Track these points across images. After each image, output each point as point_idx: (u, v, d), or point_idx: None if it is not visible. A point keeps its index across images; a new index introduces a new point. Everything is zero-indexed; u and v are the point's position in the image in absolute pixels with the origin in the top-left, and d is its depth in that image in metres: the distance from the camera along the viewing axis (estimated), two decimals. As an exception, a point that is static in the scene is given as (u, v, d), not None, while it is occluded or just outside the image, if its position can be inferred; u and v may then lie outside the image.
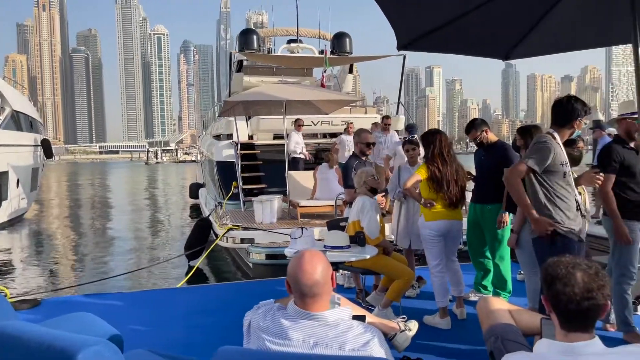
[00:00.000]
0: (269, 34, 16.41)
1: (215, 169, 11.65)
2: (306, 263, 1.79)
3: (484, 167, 4.57)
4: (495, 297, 2.53)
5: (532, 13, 3.31)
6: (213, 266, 9.69)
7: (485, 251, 4.71)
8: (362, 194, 4.32)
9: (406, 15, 3.03)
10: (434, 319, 4.17)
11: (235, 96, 10.36)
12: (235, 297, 5.24)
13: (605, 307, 1.56)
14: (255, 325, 1.81)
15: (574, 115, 3.16)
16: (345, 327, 1.75)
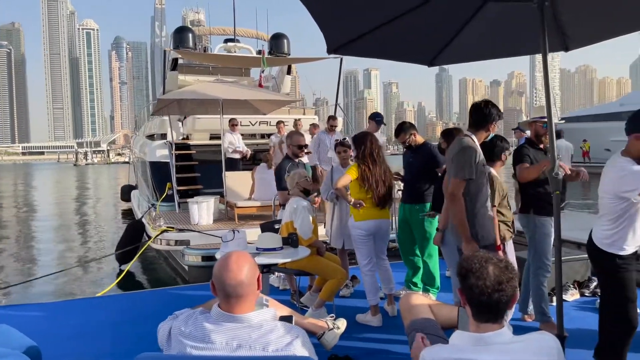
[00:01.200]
0: (205, 32, 16.12)
1: (148, 170, 11.29)
2: (232, 263, 1.80)
3: (412, 168, 4.75)
4: (416, 293, 2.64)
5: (454, 22, 3.47)
6: (147, 270, 9.38)
7: (415, 249, 4.89)
8: (295, 195, 4.36)
9: (335, 20, 3.09)
10: (365, 317, 4.28)
11: (170, 94, 10.08)
12: (168, 304, 5.12)
13: (513, 299, 1.68)
14: (177, 332, 1.78)
15: (489, 119, 3.36)
16: (269, 328, 1.77)
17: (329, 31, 3.20)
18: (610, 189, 2.76)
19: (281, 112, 11.77)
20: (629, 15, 3.39)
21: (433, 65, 4.02)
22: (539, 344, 1.64)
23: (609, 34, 3.60)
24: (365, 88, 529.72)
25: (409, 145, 4.77)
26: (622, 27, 3.50)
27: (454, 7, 3.25)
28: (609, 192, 2.76)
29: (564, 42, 3.69)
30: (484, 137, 3.42)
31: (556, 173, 2.73)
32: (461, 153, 3.20)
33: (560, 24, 3.49)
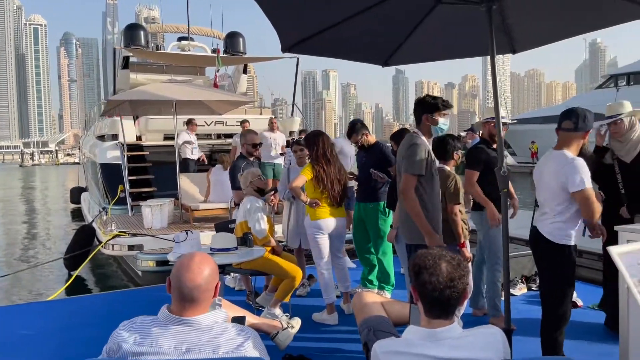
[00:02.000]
0: (158, 30, 15.74)
1: (99, 172, 10.90)
2: (194, 264, 1.75)
3: (365, 168, 4.80)
4: (368, 291, 2.67)
5: (407, 23, 3.53)
6: (98, 277, 9.06)
7: (370, 247, 4.94)
8: (249, 194, 4.31)
9: (289, 19, 3.08)
10: (321, 316, 4.29)
11: (121, 94, 9.78)
12: (120, 306, 4.96)
13: (465, 296, 1.72)
14: (121, 339, 1.71)
15: (423, 112, 3.34)
16: (220, 330, 1.73)
17: (283, 30, 3.18)
18: (554, 182, 2.88)
19: (237, 112, 11.64)
20: (572, 20, 3.55)
21: (387, 65, 4.06)
22: (487, 338, 1.68)
23: (553, 37, 3.75)
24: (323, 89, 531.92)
25: (362, 145, 4.83)
26: (566, 31, 3.66)
27: (406, 9, 3.30)
28: (553, 185, 2.88)
29: (511, 44, 3.81)
30: (430, 129, 3.36)
31: (504, 171, 2.81)
32: (411, 149, 3.22)
33: (508, 27, 3.61)
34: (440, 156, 3.93)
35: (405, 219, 3.36)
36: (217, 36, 15.00)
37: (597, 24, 3.50)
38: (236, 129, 11.83)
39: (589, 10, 3.32)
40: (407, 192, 3.18)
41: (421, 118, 3.35)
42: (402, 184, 3.22)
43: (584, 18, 3.46)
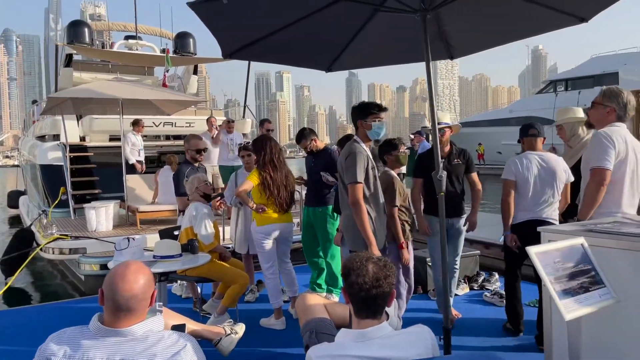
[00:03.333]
0: (103, 27, 15.20)
1: (39, 174, 10.41)
2: (129, 273, 1.71)
3: (313, 173, 4.84)
4: (311, 293, 2.69)
5: (348, 30, 3.59)
6: (38, 283, 8.64)
7: (319, 251, 4.98)
8: (195, 200, 4.25)
9: (228, 26, 3.07)
10: (269, 321, 4.28)
11: (63, 92, 9.37)
12: (57, 320, 4.75)
13: (391, 296, 1.77)
14: (50, 353, 1.65)
15: (357, 118, 3.37)
16: (155, 339, 1.70)
17: (223, 37, 3.18)
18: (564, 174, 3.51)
19: (187, 113, 11.42)
20: (505, 29, 3.73)
21: (330, 71, 4.12)
22: (415, 336, 1.75)
23: (488, 44, 3.93)
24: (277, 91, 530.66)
25: (310, 151, 4.88)
26: (500, 39, 3.85)
27: (346, 16, 3.36)
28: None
29: (449, 50, 3.96)
30: (364, 135, 3.37)
31: (440, 176, 2.91)
32: (349, 160, 3.23)
33: (445, 34, 3.75)
34: (383, 160, 4.02)
35: (348, 225, 3.37)
36: (166, 36, 14.66)
37: (528, 32, 3.70)
38: (186, 130, 11.61)
39: (520, 19, 3.51)
40: (357, 202, 3.18)
41: (357, 124, 3.39)
42: (350, 195, 3.21)
43: (515, 26, 3.65)
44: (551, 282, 1.63)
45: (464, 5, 3.15)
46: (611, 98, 3.02)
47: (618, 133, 2.91)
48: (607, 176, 2.82)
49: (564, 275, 1.68)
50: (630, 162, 2.90)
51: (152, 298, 1.76)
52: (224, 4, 2.72)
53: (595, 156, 2.88)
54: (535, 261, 1.67)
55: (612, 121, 3.00)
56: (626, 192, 2.90)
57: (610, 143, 2.85)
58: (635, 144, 2.97)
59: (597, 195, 2.82)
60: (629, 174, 2.90)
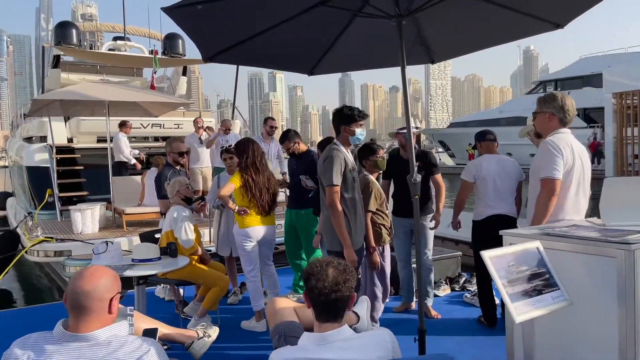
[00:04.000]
0: (92, 28, 15.13)
1: (25, 176, 10.36)
2: (87, 273, 1.73)
3: (296, 175, 4.86)
4: (281, 297, 2.72)
5: (328, 34, 3.62)
6: (24, 286, 8.61)
7: (301, 253, 5.00)
8: (176, 203, 4.26)
9: (205, 31, 3.08)
10: (250, 323, 4.29)
11: (47, 94, 9.32)
12: (40, 323, 4.74)
13: (351, 299, 1.80)
14: (14, 358, 1.66)
15: (341, 123, 3.43)
16: (119, 344, 1.71)
17: (201, 41, 3.20)
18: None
19: (175, 114, 11.40)
20: (482, 33, 3.77)
21: (313, 74, 4.14)
22: (375, 339, 1.77)
23: (466, 49, 3.98)
24: (270, 91, 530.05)
25: (293, 153, 4.90)
26: (477, 44, 3.90)
27: (326, 20, 3.38)
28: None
29: (429, 55, 4.00)
30: (346, 140, 3.45)
31: (414, 179, 2.94)
32: (326, 163, 3.31)
33: (425, 38, 3.79)
34: (360, 164, 4.05)
35: (326, 226, 3.44)
36: (155, 37, 14.61)
37: (505, 37, 3.74)
38: (174, 131, 11.59)
39: (496, 25, 3.55)
40: (334, 205, 3.27)
41: (340, 129, 3.45)
42: (327, 197, 3.29)
43: (492, 32, 3.69)
44: (504, 285, 1.67)
45: (440, 11, 3.19)
46: (547, 103, 3.09)
47: (564, 141, 2.94)
48: (557, 186, 2.86)
49: (517, 278, 1.72)
50: (577, 169, 2.93)
51: (111, 303, 1.75)
52: (199, 9, 2.74)
53: (544, 166, 2.90)
54: (488, 265, 1.71)
55: (556, 127, 3.03)
56: (572, 199, 2.94)
57: (558, 152, 2.88)
58: (581, 150, 3.02)
59: (549, 205, 2.86)
60: (575, 182, 2.94)
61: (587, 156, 3.05)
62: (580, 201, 2.97)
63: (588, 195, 3.03)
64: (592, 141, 27.33)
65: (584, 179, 2.99)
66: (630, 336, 1.77)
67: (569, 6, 3.35)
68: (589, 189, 3.04)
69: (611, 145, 14.49)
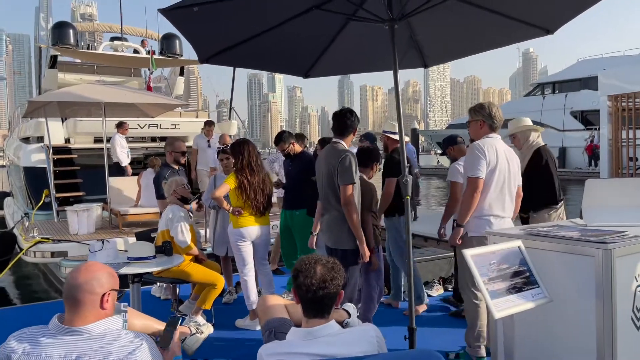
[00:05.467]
0: (89, 29, 15.16)
1: (22, 176, 10.39)
2: (83, 267, 1.79)
3: (291, 176, 4.92)
4: (272, 295, 2.77)
5: (323, 38, 3.68)
6: (20, 287, 8.64)
7: (297, 253, 5.04)
8: (173, 203, 4.31)
9: (201, 33, 3.14)
10: (244, 322, 4.35)
11: (44, 96, 9.36)
12: (41, 319, 4.78)
13: (338, 296, 1.85)
14: (10, 350, 1.71)
15: (354, 125, 3.67)
16: (112, 337, 1.76)
17: (198, 42, 3.25)
18: None
19: (172, 115, 11.45)
20: (474, 39, 3.83)
21: (308, 77, 4.20)
22: (360, 334, 1.83)
23: (458, 53, 4.04)
24: (269, 91, 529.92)
25: (288, 154, 4.95)
26: (469, 49, 3.95)
27: (320, 24, 3.44)
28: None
29: (422, 59, 4.06)
30: (351, 142, 3.73)
31: (405, 180, 3.00)
32: (343, 160, 3.47)
33: (418, 43, 3.84)
34: (364, 165, 4.10)
35: (333, 223, 3.57)
36: (152, 37, 14.65)
37: (496, 42, 3.80)
38: (171, 132, 11.64)
39: (487, 30, 3.61)
40: (351, 202, 3.44)
41: (350, 131, 3.66)
42: (343, 195, 3.45)
43: (483, 37, 3.75)
44: (485, 282, 1.72)
45: (432, 16, 3.24)
46: (477, 112, 3.42)
47: (490, 144, 3.25)
48: (479, 184, 3.18)
49: (498, 276, 1.77)
50: (501, 170, 3.23)
51: (103, 298, 1.79)
52: (195, 12, 2.79)
53: (469, 166, 3.24)
54: (469, 263, 1.76)
55: (486, 132, 3.36)
56: (496, 196, 3.23)
57: (481, 154, 3.20)
58: (508, 152, 3.34)
59: (472, 200, 3.19)
60: (500, 181, 3.23)
61: (515, 159, 3.40)
62: (505, 199, 3.27)
63: (514, 194, 3.35)
64: (588, 143, 27.43)
65: (510, 180, 3.29)
66: (608, 333, 1.83)
67: (558, 12, 3.41)
68: (515, 189, 3.35)
69: (606, 147, 14.56)
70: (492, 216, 3.23)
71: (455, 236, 3.31)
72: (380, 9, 3.14)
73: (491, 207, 3.23)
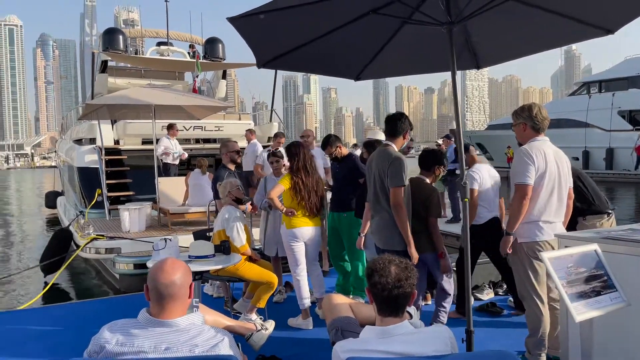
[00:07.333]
0: (137, 34, 15.70)
1: (76, 176, 10.86)
2: (167, 265, 1.89)
3: (338, 179, 4.99)
4: (337, 294, 2.84)
5: (376, 41, 3.72)
6: (75, 281, 9.02)
7: (344, 255, 5.09)
8: (228, 204, 4.44)
9: (263, 38, 3.23)
10: (296, 321, 4.42)
11: (100, 99, 9.77)
12: (95, 315, 5.01)
13: (412, 296, 1.89)
14: (104, 341, 1.83)
15: (405, 128, 3.73)
16: (197, 331, 1.87)
17: (258, 48, 3.34)
18: None
19: (216, 117, 11.72)
20: (531, 39, 3.78)
21: (359, 80, 4.24)
22: (434, 334, 1.86)
23: (514, 54, 3.98)
24: (304, 93, 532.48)
25: (335, 157, 5.01)
26: (525, 49, 3.90)
27: (375, 27, 3.48)
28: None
29: (476, 60, 4.03)
30: (402, 145, 3.77)
31: (464, 182, 3.00)
32: (394, 163, 3.53)
33: (472, 45, 3.83)
34: (425, 168, 4.10)
35: (383, 225, 3.61)
36: (196, 41, 15.06)
37: (554, 43, 3.73)
38: (215, 133, 11.94)
39: (546, 30, 3.56)
40: (401, 204, 3.49)
41: (403, 134, 3.72)
42: (393, 197, 3.50)
43: (541, 38, 3.69)
44: (563, 285, 1.72)
45: (488, 17, 3.23)
46: (518, 115, 3.33)
47: (537, 148, 3.18)
48: (528, 191, 3.11)
49: (576, 279, 1.77)
50: (551, 174, 3.16)
51: (191, 289, 1.93)
52: (260, 19, 2.89)
53: (517, 173, 3.16)
54: (547, 265, 1.76)
55: (531, 135, 3.27)
56: (546, 201, 3.17)
57: (529, 160, 3.13)
58: (557, 154, 3.25)
59: (521, 208, 3.11)
60: (549, 186, 3.16)
61: (566, 161, 3.28)
62: (556, 203, 3.20)
63: (565, 198, 3.26)
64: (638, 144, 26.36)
65: (560, 183, 3.21)
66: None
67: (620, 11, 3.33)
68: (567, 192, 3.27)
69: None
70: (542, 222, 3.17)
71: (505, 245, 3.23)
72: (437, 12, 3.15)
73: (541, 212, 3.18)
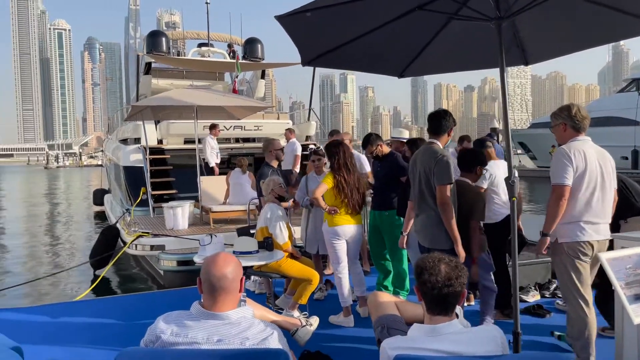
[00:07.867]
0: (179, 36, 16.08)
1: (122, 175, 11.23)
2: (220, 259, 1.95)
3: (379, 177, 4.96)
4: (383, 292, 2.84)
5: (421, 37, 3.68)
6: (121, 276, 9.34)
7: (385, 254, 5.07)
8: (270, 201, 4.50)
9: (309, 36, 3.26)
10: (338, 318, 4.44)
11: (144, 100, 10.07)
12: (142, 308, 5.17)
13: (462, 294, 1.87)
14: (159, 331, 1.90)
15: (449, 126, 3.71)
16: (247, 324, 1.91)
17: (303, 46, 3.37)
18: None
19: (255, 117, 11.87)
20: (582, 35, 3.65)
21: (403, 77, 4.21)
22: (485, 334, 1.83)
23: (564, 50, 3.87)
24: (341, 92, 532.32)
25: (377, 156, 4.99)
26: (576, 45, 3.77)
27: (421, 24, 3.45)
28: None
29: (524, 57, 3.93)
30: (446, 142, 3.76)
31: (512, 180, 2.94)
32: (440, 161, 3.51)
33: (520, 40, 3.74)
34: (466, 169, 4.05)
35: (428, 224, 3.60)
36: (236, 42, 15.29)
37: (607, 38, 3.60)
38: (254, 133, 12.11)
39: (598, 25, 3.43)
40: (447, 202, 3.48)
41: (448, 131, 3.71)
42: (440, 195, 3.49)
43: (593, 33, 3.57)
44: (622, 287, 1.66)
45: (538, 12, 3.15)
46: (557, 116, 3.28)
47: (577, 148, 3.11)
48: (565, 192, 3.04)
49: (635, 281, 1.70)
50: (591, 174, 3.08)
51: (241, 283, 1.98)
52: (307, 17, 2.92)
53: (555, 173, 3.10)
54: (606, 267, 1.71)
55: (571, 135, 3.21)
56: (586, 202, 3.08)
57: (567, 160, 3.07)
58: (600, 155, 3.14)
59: (558, 209, 3.05)
60: (590, 186, 3.08)
61: (609, 160, 3.18)
62: (597, 204, 3.10)
63: (609, 198, 3.14)
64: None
65: (604, 183, 3.10)
66: None
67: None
68: (611, 192, 3.16)
69: None
70: (583, 222, 3.08)
71: (542, 246, 3.16)
72: (486, 7, 3.09)
73: (582, 213, 3.09)
